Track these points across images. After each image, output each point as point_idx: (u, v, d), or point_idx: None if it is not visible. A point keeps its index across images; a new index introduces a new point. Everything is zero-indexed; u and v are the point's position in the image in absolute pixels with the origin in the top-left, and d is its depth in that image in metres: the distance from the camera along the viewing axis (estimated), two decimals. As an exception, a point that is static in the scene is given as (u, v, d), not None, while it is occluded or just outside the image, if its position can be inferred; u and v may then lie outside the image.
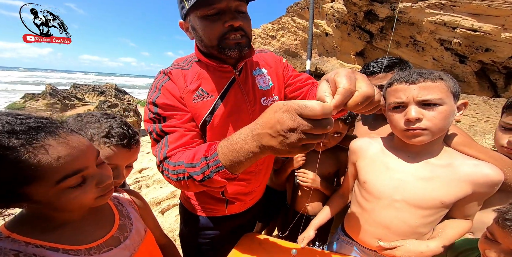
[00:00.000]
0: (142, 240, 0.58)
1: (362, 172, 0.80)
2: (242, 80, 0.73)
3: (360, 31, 8.80)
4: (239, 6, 0.61)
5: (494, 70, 6.98)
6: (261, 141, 0.40)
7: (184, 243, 0.97)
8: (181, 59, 0.75)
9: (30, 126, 0.39)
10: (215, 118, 0.69)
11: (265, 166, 0.86)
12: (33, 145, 0.37)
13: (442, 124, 0.62)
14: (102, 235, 0.50)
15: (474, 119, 4.54)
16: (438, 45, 7.35)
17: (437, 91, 0.61)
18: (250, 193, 0.88)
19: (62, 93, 10.70)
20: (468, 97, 5.09)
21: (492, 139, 3.42)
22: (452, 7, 6.70)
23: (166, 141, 0.63)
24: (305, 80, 0.84)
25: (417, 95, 0.62)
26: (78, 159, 0.42)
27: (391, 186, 0.71)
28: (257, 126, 0.41)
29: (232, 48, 0.63)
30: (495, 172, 0.64)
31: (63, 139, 0.41)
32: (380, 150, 0.78)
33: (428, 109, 0.62)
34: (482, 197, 0.68)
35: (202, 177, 0.50)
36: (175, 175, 0.56)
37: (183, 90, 0.67)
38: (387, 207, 0.72)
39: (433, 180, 0.68)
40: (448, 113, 0.62)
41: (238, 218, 0.92)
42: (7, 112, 0.41)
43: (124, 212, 0.60)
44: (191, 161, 0.52)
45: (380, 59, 0.93)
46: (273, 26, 13.83)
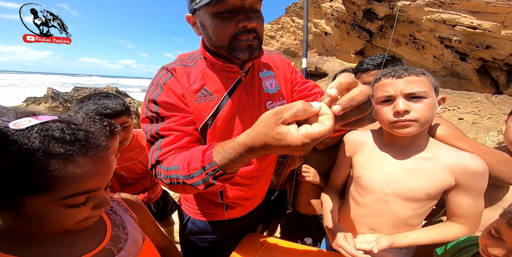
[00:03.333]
0: (140, 250, 0.55)
1: (357, 167, 0.81)
2: (248, 82, 0.69)
3: (359, 30, 8.80)
4: (254, 3, 0.56)
5: (495, 67, 6.95)
6: (257, 152, 0.42)
7: (184, 247, 0.94)
8: (185, 55, 0.71)
9: (79, 139, 0.39)
10: (217, 121, 0.65)
11: (267, 171, 0.83)
12: (70, 157, 0.37)
13: (428, 115, 0.65)
14: (92, 248, 0.47)
15: (477, 117, 4.52)
16: (438, 43, 7.33)
17: (421, 84, 0.65)
18: (251, 198, 0.84)
19: (64, 96, 10.74)
20: (470, 94, 5.07)
21: (496, 136, 3.40)
22: (451, 5, 6.69)
23: (159, 144, 0.60)
24: (312, 88, 0.81)
25: (404, 88, 0.65)
26: (97, 180, 0.42)
27: (382, 180, 0.74)
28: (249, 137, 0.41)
29: (243, 50, 0.59)
30: (475, 162, 0.64)
31: (95, 158, 0.41)
32: (372, 145, 0.80)
33: (415, 101, 0.65)
34: (470, 191, 0.66)
35: (205, 186, 0.50)
36: (168, 180, 0.55)
37: (186, 89, 0.63)
38: (379, 201, 0.75)
39: (419, 173, 0.70)
40: (432, 105, 0.66)
41: (238, 222, 0.88)
42: (62, 119, 0.41)
43: (118, 221, 0.56)
44: (187, 173, 0.51)
45: (374, 57, 0.94)
46: (272, 26, 13.86)
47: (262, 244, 0.86)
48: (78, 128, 0.41)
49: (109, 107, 0.91)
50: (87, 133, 0.42)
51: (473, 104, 4.73)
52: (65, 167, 0.37)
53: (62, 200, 0.39)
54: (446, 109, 4.77)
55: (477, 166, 0.64)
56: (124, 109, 0.96)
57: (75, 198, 0.40)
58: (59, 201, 0.39)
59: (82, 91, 12.37)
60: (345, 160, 0.86)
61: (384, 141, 0.79)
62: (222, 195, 0.78)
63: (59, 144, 0.37)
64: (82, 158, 0.39)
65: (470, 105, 4.75)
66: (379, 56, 0.94)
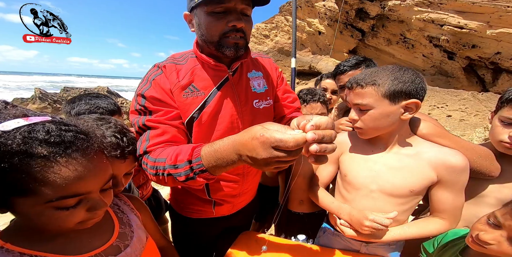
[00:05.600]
0: (144, 248, 0.56)
1: (344, 166, 0.83)
2: (236, 81, 0.73)
3: (352, 29, 8.93)
4: (245, 9, 0.63)
5: (481, 66, 7.21)
6: (241, 156, 0.46)
7: (176, 245, 0.93)
8: (178, 54, 0.75)
9: (65, 140, 0.38)
10: (203, 115, 0.68)
11: (253, 168, 0.81)
12: (53, 159, 0.36)
13: (372, 124, 0.70)
14: (101, 244, 0.49)
15: (464, 114, 4.68)
16: (427, 42, 7.54)
17: (365, 96, 0.68)
18: (239, 196, 0.85)
19: (53, 97, 10.38)
20: (458, 92, 5.25)
21: (482, 133, 3.53)
22: (439, 4, 6.88)
23: (148, 135, 0.63)
24: (293, 100, 0.87)
25: (352, 100, 0.72)
26: (85, 183, 0.40)
27: (368, 177, 0.76)
28: (237, 142, 0.46)
29: (229, 47, 0.65)
30: (456, 157, 0.66)
31: (84, 160, 0.39)
32: (357, 143, 0.83)
33: (362, 112, 0.71)
34: (450, 186, 0.68)
35: (185, 178, 0.53)
36: (153, 170, 0.58)
37: (174, 85, 0.67)
38: (365, 197, 0.76)
39: (402, 169, 0.72)
40: (378, 115, 0.68)
41: (228, 220, 0.89)
42: (55, 120, 0.40)
43: (124, 219, 0.58)
44: (173, 163, 0.54)
45: (349, 59, 1.06)
46: (266, 26, 13.86)
47: (257, 241, 0.86)
48: (68, 129, 0.39)
49: (101, 106, 0.91)
50: (77, 134, 0.39)
51: (460, 101, 4.90)
52: (48, 170, 0.36)
53: (49, 203, 0.37)
54: (435, 107, 4.92)
55: (458, 162, 0.66)
56: (116, 108, 0.97)
57: (62, 201, 0.38)
58: (45, 203, 0.37)
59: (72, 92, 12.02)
60: (332, 159, 0.87)
61: (366, 140, 0.81)
62: (209, 192, 0.79)
63: (42, 145, 0.36)
64: (67, 160, 0.37)
65: (458, 103, 4.92)
66: (353, 58, 1.04)
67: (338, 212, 0.79)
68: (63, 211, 0.39)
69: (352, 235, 0.74)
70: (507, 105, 0.66)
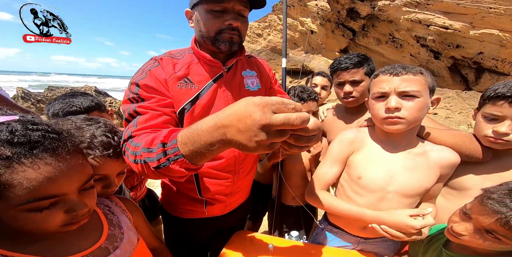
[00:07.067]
0: (134, 249, 0.55)
1: (356, 167, 0.78)
2: (230, 77, 0.75)
3: (343, 29, 9.09)
4: (242, 10, 0.68)
5: (465, 65, 7.54)
6: (226, 134, 0.37)
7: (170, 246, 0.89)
8: (175, 50, 0.77)
9: (30, 140, 0.36)
10: (195, 107, 0.69)
11: (244, 165, 0.81)
12: (19, 160, 0.34)
13: (417, 114, 0.67)
14: (89, 245, 0.47)
15: (449, 111, 4.90)
16: (415, 42, 7.80)
17: (416, 84, 0.66)
18: (231, 194, 0.82)
19: (36, 97, 9.92)
20: (443, 91, 5.48)
21: (466, 130, 3.70)
22: (426, 5, 7.12)
23: (136, 121, 0.60)
24: None
25: (398, 86, 0.67)
26: (57, 184, 0.38)
27: (385, 178, 0.73)
28: (222, 116, 0.38)
29: (224, 42, 0.68)
30: (454, 155, 0.72)
31: (54, 160, 0.37)
32: (370, 143, 0.79)
33: (407, 100, 0.66)
34: (444, 179, 0.75)
35: (157, 164, 0.46)
36: (133, 157, 0.52)
37: (170, 75, 0.67)
38: (380, 200, 0.74)
39: (416, 169, 0.72)
40: (423, 105, 0.67)
41: (221, 220, 0.87)
42: (23, 119, 0.38)
43: (114, 221, 0.56)
44: (148, 146, 0.48)
45: (349, 56, 0.98)
46: (259, 25, 13.83)
47: (251, 241, 0.84)
48: (36, 128, 0.37)
49: (74, 104, 0.89)
50: (45, 133, 0.37)
51: (445, 99, 5.12)
52: (12, 171, 0.34)
53: (21, 206, 0.36)
54: (422, 104, 5.11)
55: (457, 159, 0.71)
56: (93, 105, 0.93)
57: (33, 203, 0.36)
58: (17, 207, 0.35)
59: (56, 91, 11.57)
60: (339, 159, 0.83)
61: (379, 138, 0.78)
62: (200, 191, 0.78)
63: (4, 146, 0.34)
64: (33, 160, 0.35)
65: (443, 101, 5.14)
66: (354, 55, 0.98)
67: (363, 218, 0.73)
68: (37, 213, 0.37)
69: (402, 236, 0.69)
70: (489, 102, 0.69)
